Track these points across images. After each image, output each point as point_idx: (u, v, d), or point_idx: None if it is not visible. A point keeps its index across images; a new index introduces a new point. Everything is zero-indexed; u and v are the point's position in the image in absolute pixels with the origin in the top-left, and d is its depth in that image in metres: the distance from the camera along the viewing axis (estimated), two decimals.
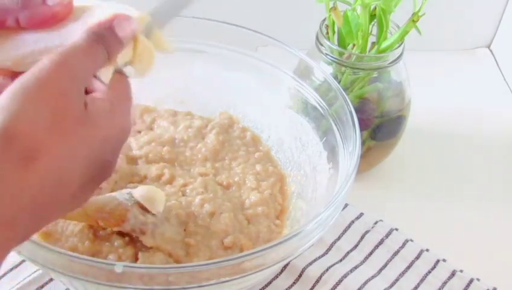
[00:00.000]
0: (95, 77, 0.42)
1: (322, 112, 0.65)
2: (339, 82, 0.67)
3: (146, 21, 0.46)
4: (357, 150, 0.57)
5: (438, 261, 0.66)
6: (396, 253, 0.67)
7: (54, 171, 0.38)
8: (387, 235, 0.68)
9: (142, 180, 0.63)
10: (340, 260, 0.66)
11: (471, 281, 0.65)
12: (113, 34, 0.42)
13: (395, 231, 0.68)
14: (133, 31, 0.43)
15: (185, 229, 0.58)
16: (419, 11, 0.66)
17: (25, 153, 0.36)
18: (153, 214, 0.58)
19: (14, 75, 0.42)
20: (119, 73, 0.44)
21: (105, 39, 0.42)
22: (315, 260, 0.65)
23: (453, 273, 0.65)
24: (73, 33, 0.42)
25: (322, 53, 0.69)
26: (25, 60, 0.43)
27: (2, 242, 0.36)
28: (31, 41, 0.43)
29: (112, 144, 0.42)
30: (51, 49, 0.42)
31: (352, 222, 0.69)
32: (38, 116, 0.37)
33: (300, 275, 0.64)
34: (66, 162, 0.38)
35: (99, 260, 0.50)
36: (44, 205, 0.38)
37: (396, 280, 0.65)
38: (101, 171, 0.42)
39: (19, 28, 0.43)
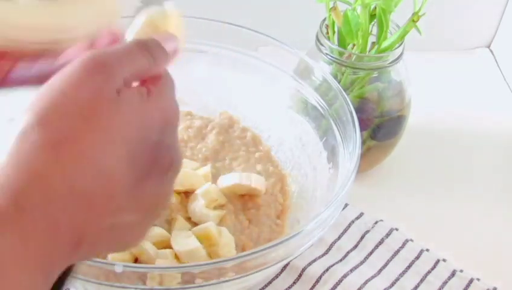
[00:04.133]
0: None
1: (322, 111, 0.65)
2: (339, 82, 0.67)
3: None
4: (357, 150, 0.57)
5: (438, 261, 0.66)
6: (396, 253, 0.67)
7: (85, 153, 0.35)
8: (387, 235, 0.68)
9: None
10: (340, 260, 0.66)
11: (471, 281, 0.65)
12: (157, 44, 0.41)
13: (395, 231, 0.68)
14: (176, 48, 0.43)
15: None
16: (419, 11, 0.66)
17: (51, 139, 0.35)
18: None
19: None
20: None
21: (150, 47, 0.40)
22: (315, 260, 0.65)
23: (453, 273, 0.65)
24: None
25: (322, 53, 0.69)
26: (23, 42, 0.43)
27: (40, 238, 0.33)
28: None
29: (154, 125, 0.39)
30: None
31: (352, 221, 0.69)
32: (63, 108, 0.35)
33: (300, 275, 0.64)
34: (97, 142, 0.35)
35: (99, 260, 0.50)
36: (88, 195, 0.35)
37: (397, 279, 0.65)
38: (154, 154, 0.38)
39: None
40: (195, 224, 0.59)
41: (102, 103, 0.36)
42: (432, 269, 0.66)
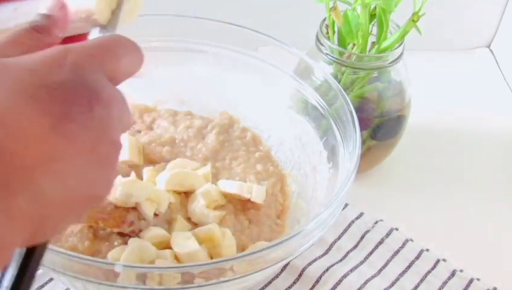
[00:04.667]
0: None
1: (322, 111, 0.65)
2: (339, 82, 0.67)
3: None
4: (357, 150, 0.57)
5: (438, 261, 0.66)
6: (396, 253, 0.67)
7: None
8: (387, 235, 0.68)
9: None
10: (340, 260, 0.66)
11: (471, 281, 0.65)
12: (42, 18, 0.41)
13: (395, 231, 0.69)
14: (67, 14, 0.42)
15: None
16: (419, 11, 0.66)
17: None
18: (156, 215, 0.58)
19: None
20: None
21: (34, 26, 0.40)
22: (315, 260, 0.65)
23: (453, 273, 0.65)
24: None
25: (322, 53, 0.69)
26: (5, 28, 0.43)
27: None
28: (10, 10, 0.43)
29: (54, 65, 0.35)
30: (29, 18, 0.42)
31: (352, 221, 0.69)
32: None
33: (300, 275, 0.64)
34: None
35: (99, 259, 0.50)
36: (11, 149, 0.32)
37: (397, 279, 0.65)
38: (70, 94, 0.35)
39: None
40: (195, 224, 0.59)
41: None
42: (432, 269, 0.66)
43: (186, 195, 0.61)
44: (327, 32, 0.70)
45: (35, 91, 0.34)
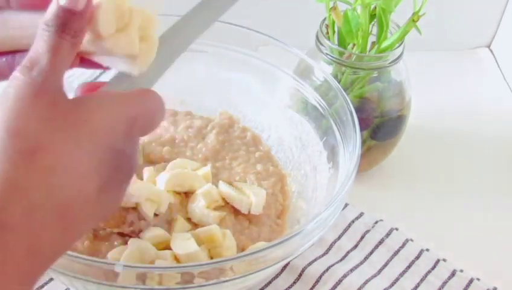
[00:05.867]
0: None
1: (322, 111, 0.65)
2: (339, 82, 0.67)
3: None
4: (357, 150, 0.57)
5: (438, 261, 0.66)
6: (396, 253, 0.67)
7: (60, 160, 0.35)
8: (387, 235, 0.68)
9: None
10: (341, 260, 0.66)
11: (471, 281, 0.65)
12: (69, 15, 0.39)
13: (395, 231, 0.69)
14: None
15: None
16: (419, 10, 0.66)
17: (21, 146, 0.34)
18: (156, 215, 0.58)
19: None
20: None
21: (64, 25, 0.38)
22: (315, 260, 0.65)
23: (453, 273, 0.65)
24: None
25: (322, 53, 0.69)
26: (12, 40, 0.43)
27: (21, 255, 0.33)
28: (17, 22, 0.42)
29: (118, 133, 0.39)
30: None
31: (353, 221, 0.69)
32: (25, 116, 0.35)
33: (300, 275, 0.64)
34: (70, 147, 0.35)
35: (99, 259, 0.50)
36: (65, 203, 0.35)
37: (397, 279, 0.65)
38: (117, 162, 0.39)
39: (8, 6, 0.42)
40: (195, 224, 0.59)
41: (62, 109, 0.36)
42: (432, 269, 0.66)
43: (186, 195, 0.61)
44: (327, 32, 0.70)
45: (103, 153, 0.37)
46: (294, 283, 0.63)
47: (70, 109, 0.37)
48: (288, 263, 0.63)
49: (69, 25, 0.38)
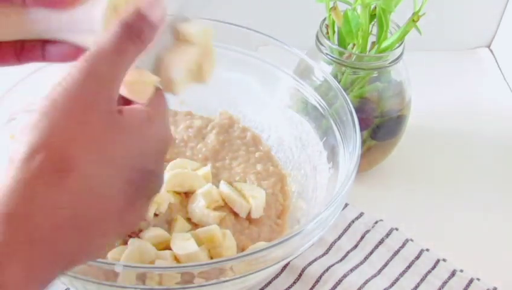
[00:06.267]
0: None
1: (322, 111, 0.65)
2: (339, 82, 0.67)
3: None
4: (357, 150, 0.57)
5: (438, 261, 0.66)
6: (396, 253, 0.67)
7: (90, 182, 0.36)
8: (387, 235, 0.68)
9: None
10: (341, 260, 0.66)
11: (471, 281, 0.65)
12: (144, 22, 0.39)
13: (395, 231, 0.68)
14: (164, 12, 0.40)
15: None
16: (419, 10, 0.66)
17: (56, 166, 0.35)
18: (156, 215, 0.58)
19: None
20: (157, 88, 0.42)
21: (136, 31, 0.39)
22: (315, 260, 0.65)
23: (453, 273, 0.65)
24: (81, 15, 0.42)
25: (322, 53, 0.69)
26: (29, 37, 0.43)
27: (43, 266, 0.35)
28: (35, 19, 0.43)
29: (151, 153, 0.40)
30: (55, 30, 0.42)
31: (353, 221, 0.69)
32: (67, 129, 0.36)
33: (300, 275, 0.64)
34: (102, 170, 0.36)
35: (99, 259, 0.50)
36: (88, 222, 0.36)
37: (397, 279, 0.65)
38: (146, 182, 0.40)
39: (25, 5, 0.43)
40: (195, 225, 0.59)
41: (105, 125, 0.37)
42: (432, 269, 0.66)
43: (186, 195, 0.61)
44: (327, 32, 0.70)
45: (134, 173, 0.38)
46: (294, 283, 0.63)
47: (112, 129, 0.37)
48: (288, 263, 0.63)
49: (137, 29, 0.39)
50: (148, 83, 0.41)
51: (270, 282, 0.63)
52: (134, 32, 0.39)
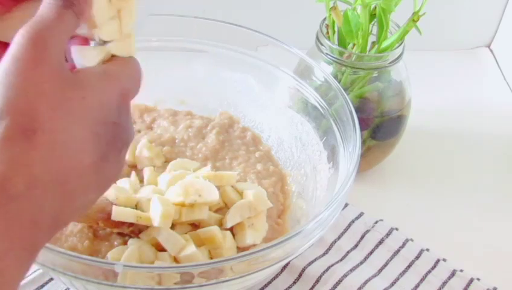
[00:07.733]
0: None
1: (322, 111, 0.65)
2: (339, 82, 0.67)
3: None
4: (357, 150, 0.57)
5: (438, 260, 0.66)
6: (396, 253, 0.67)
7: (57, 136, 0.37)
8: (387, 235, 0.68)
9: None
10: (340, 260, 0.66)
11: (471, 281, 0.65)
12: None
13: (395, 231, 0.69)
14: None
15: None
16: (419, 10, 0.66)
17: (22, 127, 0.36)
18: None
19: None
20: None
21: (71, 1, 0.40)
22: (315, 260, 0.65)
23: (453, 273, 0.65)
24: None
25: (322, 53, 0.69)
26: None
27: (24, 225, 0.35)
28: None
29: (112, 106, 0.41)
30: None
31: (352, 221, 0.69)
32: (24, 91, 0.37)
33: (300, 275, 0.64)
34: (66, 124, 0.37)
35: (99, 259, 0.50)
36: (64, 176, 0.37)
37: (397, 279, 0.65)
38: (113, 135, 0.41)
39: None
40: (195, 225, 0.59)
41: (59, 81, 0.38)
42: (432, 269, 0.66)
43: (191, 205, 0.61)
44: (327, 32, 0.70)
45: (99, 127, 0.39)
46: (294, 283, 0.63)
47: (69, 84, 0.38)
48: (288, 263, 0.63)
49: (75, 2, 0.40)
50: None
51: (270, 282, 0.63)
52: (70, 3, 0.40)
